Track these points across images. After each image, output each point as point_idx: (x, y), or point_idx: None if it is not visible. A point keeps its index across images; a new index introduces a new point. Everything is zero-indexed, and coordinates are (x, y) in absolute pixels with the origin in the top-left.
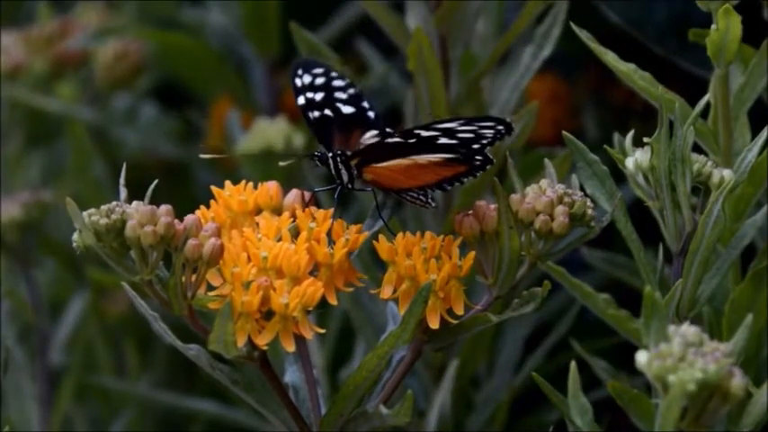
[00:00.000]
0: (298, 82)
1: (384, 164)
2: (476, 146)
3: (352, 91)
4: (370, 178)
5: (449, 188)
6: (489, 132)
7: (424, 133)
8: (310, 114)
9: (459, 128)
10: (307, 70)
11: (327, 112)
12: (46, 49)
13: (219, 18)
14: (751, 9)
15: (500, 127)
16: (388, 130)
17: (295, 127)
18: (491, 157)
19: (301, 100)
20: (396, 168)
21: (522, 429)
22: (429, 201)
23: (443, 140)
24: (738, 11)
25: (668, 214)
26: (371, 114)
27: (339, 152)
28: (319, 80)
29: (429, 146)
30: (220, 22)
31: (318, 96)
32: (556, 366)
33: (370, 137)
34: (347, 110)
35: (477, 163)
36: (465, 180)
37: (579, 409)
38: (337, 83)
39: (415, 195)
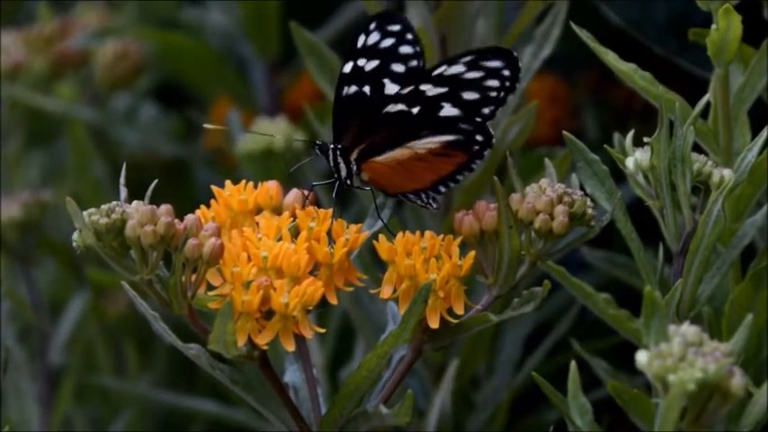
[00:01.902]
0: (360, 40)
1: (382, 157)
2: (479, 118)
3: (414, 63)
4: (369, 177)
5: (447, 188)
6: (495, 84)
7: (431, 92)
8: (344, 89)
9: (466, 75)
10: (381, 26)
11: (366, 89)
12: (46, 49)
13: (219, 18)
14: (751, 9)
15: (506, 72)
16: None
17: (295, 127)
18: (491, 132)
19: (347, 67)
20: (394, 164)
21: (522, 429)
22: (430, 201)
23: (446, 111)
24: (738, 10)
25: (668, 214)
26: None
27: (339, 145)
28: (387, 42)
29: (431, 120)
30: (220, 22)
31: (371, 65)
32: (556, 366)
33: None
34: (391, 89)
35: (477, 147)
36: (464, 174)
37: (579, 408)
38: (405, 49)
39: (414, 197)
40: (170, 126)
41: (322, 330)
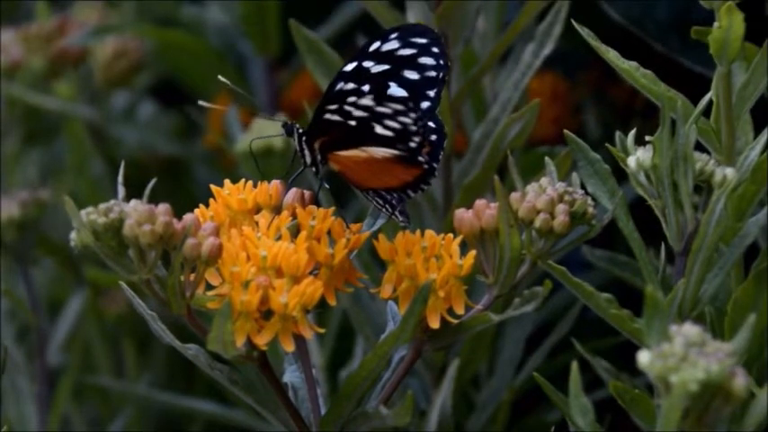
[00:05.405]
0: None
1: (345, 153)
2: (426, 102)
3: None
4: (337, 168)
5: (415, 191)
6: (430, 62)
7: (374, 69)
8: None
9: (400, 51)
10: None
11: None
12: (44, 47)
13: (219, 16)
14: (753, 6)
15: (435, 49)
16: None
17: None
18: (443, 124)
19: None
20: (358, 160)
21: (523, 430)
22: (396, 214)
23: (393, 90)
24: (741, 8)
25: (670, 213)
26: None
27: (302, 129)
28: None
29: (381, 98)
30: (220, 19)
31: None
32: (557, 366)
33: None
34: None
35: (434, 138)
36: (429, 180)
37: (580, 409)
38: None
39: (381, 202)
40: (169, 124)
41: (322, 330)
